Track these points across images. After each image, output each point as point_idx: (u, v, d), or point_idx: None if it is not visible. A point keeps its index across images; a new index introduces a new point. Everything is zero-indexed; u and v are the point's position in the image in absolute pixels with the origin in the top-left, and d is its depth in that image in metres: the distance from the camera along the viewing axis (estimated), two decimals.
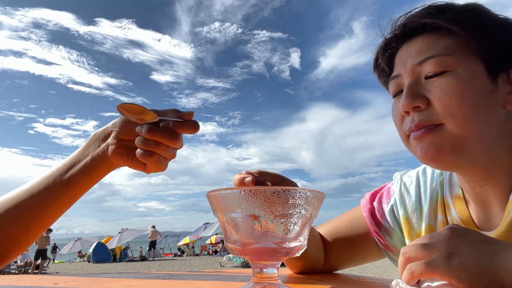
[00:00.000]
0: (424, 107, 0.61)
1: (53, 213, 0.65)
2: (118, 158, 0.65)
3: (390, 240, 0.81)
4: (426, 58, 0.61)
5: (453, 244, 0.43)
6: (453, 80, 0.59)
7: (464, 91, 0.58)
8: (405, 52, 0.66)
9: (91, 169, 0.65)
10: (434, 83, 0.60)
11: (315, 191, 0.44)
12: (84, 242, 21.64)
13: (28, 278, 0.89)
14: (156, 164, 0.62)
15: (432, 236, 0.47)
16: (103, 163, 0.66)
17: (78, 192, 0.66)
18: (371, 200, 0.87)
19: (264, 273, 0.44)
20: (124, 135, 0.65)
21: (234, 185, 0.63)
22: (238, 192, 0.41)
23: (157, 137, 0.59)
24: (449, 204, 0.73)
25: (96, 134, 0.68)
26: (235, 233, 0.44)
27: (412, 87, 0.62)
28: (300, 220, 0.43)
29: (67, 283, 0.73)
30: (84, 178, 0.65)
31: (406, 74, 0.65)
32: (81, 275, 0.94)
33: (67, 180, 0.64)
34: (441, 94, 0.59)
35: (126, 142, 0.65)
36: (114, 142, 0.65)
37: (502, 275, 0.40)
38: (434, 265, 0.42)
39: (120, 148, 0.65)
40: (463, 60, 0.60)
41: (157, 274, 0.84)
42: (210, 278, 0.73)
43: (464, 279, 0.41)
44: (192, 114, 0.60)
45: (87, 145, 0.67)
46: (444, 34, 0.62)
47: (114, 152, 0.65)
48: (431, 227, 0.74)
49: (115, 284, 0.67)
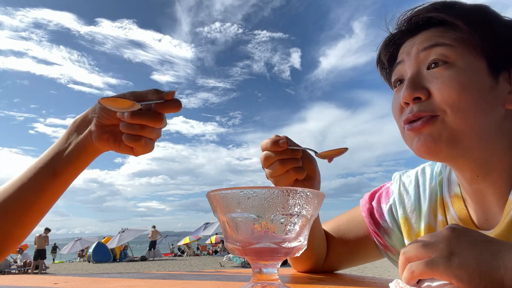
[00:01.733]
0: (425, 98, 0.61)
1: (42, 204, 0.65)
2: (103, 143, 0.65)
3: (389, 240, 0.81)
4: (432, 45, 0.62)
5: (453, 244, 0.43)
6: (454, 73, 0.59)
7: (465, 83, 0.59)
8: (410, 43, 0.66)
9: (76, 157, 0.66)
10: (435, 74, 0.61)
11: (315, 191, 0.44)
12: (84, 242, 21.64)
13: (28, 278, 0.89)
14: (144, 147, 0.63)
15: (432, 235, 0.47)
16: (88, 149, 0.66)
17: (66, 181, 0.66)
18: (370, 200, 0.87)
19: (264, 273, 0.44)
20: (106, 121, 0.65)
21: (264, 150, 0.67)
22: (238, 192, 0.41)
23: (141, 120, 0.60)
24: (447, 203, 0.73)
25: (76, 121, 0.68)
26: (235, 233, 0.44)
27: (413, 78, 0.63)
28: (300, 220, 0.43)
29: (67, 283, 0.73)
30: (70, 166, 0.65)
31: (409, 62, 0.65)
32: (81, 275, 0.94)
33: (53, 169, 0.64)
34: (441, 85, 0.59)
35: (109, 127, 0.65)
36: (96, 129, 0.65)
37: (502, 275, 0.40)
38: (434, 264, 0.42)
39: (104, 133, 0.65)
40: (466, 54, 0.60)
41: (157, 274, 0.84)
42: (210, 278, 0.73)
43: (464, 279, 0.40)
44: (173, 93, 0.60)
45: (68, 134, 0.67)
46: (449, 29, 0.62)
47: (99, 138, 0.65)
48: (431, 227, 0.74)
49: (115, 284, 0.67)
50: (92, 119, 0.66)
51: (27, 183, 0.64)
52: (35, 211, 0.65)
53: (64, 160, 0.65)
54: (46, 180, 0.64)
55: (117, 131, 0.64)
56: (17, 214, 0.63)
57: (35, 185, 0.64)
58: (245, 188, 0.41)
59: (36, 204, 0.64)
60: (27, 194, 0.64)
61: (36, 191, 0.64)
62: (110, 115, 0.64)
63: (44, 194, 0.65)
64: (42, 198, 0.65)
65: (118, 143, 0.65)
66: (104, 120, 0.65)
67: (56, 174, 0.65)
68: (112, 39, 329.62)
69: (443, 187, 0.75)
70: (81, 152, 0.66)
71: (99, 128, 0.65)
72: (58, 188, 0.66)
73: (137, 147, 0.63)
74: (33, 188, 0.64)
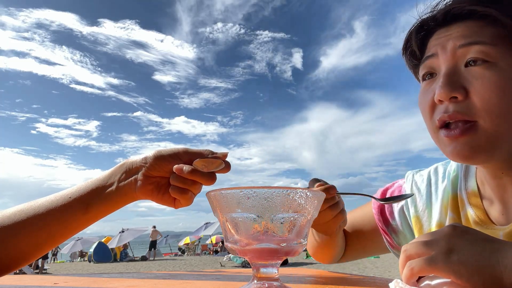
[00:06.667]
0: (462, 98, 0.57)
1: (67, 233, 0.64)
2: (146, 194, 0.64)
3: (396, 239, 0.82)
4: (471, 42, 0.58)
5: (453, 241, 0.43)
6: (495, 74, 0.56)
7: (505, 86, 0.56)
8: (445, 35, 0.62)
9: (114, 199, 0.64)
10: (475, 73, 0.57)
11: (315, 191, 0.44)
12: (84, 242, 21.66)
13: (28, 278, 0.89)
14: (188, 200, 0.63)
15: (433, 233, 0.47)
16: (128, 195, 0.65)
17: (96, 217, 0.65)
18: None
19: (264, 273, 0.44)
20: (156, 173, 0.64)
21: None
22: (238, 192, 0.41)
23: (198, 178, 0.60)
24: (463, 200, 0.72)
25: (124, 164, 0.67)
26: (235, 233, 0.43)
27: (450, 74, 0.59)
28: (300, 220, 0.43)
29: (67, 283, 0.73)
30: (105, 205, 0.64)
31: (444, 56, 0.61)
32: (81, 275, 0.94)
33: (87, 205, 0.63)
34: (481, 87, 0.56)
35: (156, 179, 0.64)
36: (143, 178, 0.64)
37: (501, 272, 0.40)
38: (433, 261, 0.42)
39: (149, 184, 0.64)
40: (508, 53, 0.57)
41: (157, 274, 0.84)
42: (210, 278, 0.73)
43: (463, 275, 0.40)
44: (227, 155, 0.62)
45: (112, 173, 0.66)
46: (489, 24, 0.58)
47: (143, 188, 0.64)
48: (442, 225, 0.74)
49: (115, 284, 0.67)
50: (140, 168, 0.64)
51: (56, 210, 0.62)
52: (56, 239, 0.64)
53: (101, 199, 0.64)
54: (77, 213, 0.63)
55: (162, 183, 0.64)
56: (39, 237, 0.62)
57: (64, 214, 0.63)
58: (245, 188, 0.41)
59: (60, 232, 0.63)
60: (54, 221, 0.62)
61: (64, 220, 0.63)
62: (162, 167, 0.63)
63: (70, 225, 0.63)
64: (68, 228, 0.64)
65: (162, 195, 0.64)
66: (154, 172, 0.63)
67: (89, 210, 0.63)
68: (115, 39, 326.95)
69: (460, 184, 0.74)
70: (121, 196, 0.64)
71: (146, 178, 0.64)
72: (86, 222, 0.65)
73: (182, 200, 0.63)
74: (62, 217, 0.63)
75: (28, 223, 0.62)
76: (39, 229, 0.62)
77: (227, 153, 0.62)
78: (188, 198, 0.63)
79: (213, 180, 0.62)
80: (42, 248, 0.64)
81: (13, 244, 0.61)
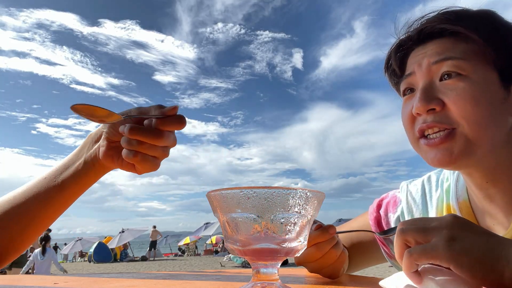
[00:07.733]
0: (439, 110, 0.61)
1: (48, 215, 0.64)
2: (108, 160, 0.63)
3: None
4: (443, 58, 0.61)
5: (455, 230, 0.42)
6: (468, 85, 0.59)
7: (478, 97, 0.59)
8: (421, 53, 0.66)
9: (83, 172, 0.64)
10: (449, 86, 0.61)
11: (315, 191, 0.44)
12: (85, 242, 21.67)
13: (28, 278, 0.89)
14: (142, 164, 0.59)
15: (433, 219, 0.45)
16: (96, 165, 0.64)
17: (72, 196, 0.65)
18: (378, 208, 0.89)
19: (264, 273, 0.44)
20: (113, 136, 0.62)
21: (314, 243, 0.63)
22: (238, 192, 0.41)
23: (139, 136, 0.56)
24: (455, 210, 0.73)
25: (90, 135, 0.66)
26: (235, 233, 0.43)
27: (426, 89, 0.62)
28: (300, 220, 0.43)
29: (67, 283, 0.73)
30: (77, 181, 0.64)
31: (420, 73, 0.64)
32: (81, 275, 0.94)
33: (61, 183, 0.63)
34: (456, 98, 0.59)
35: (117, 144, 0.63)
36: (104, 144, 0.63)
37: (504, 265, 0.39)
38: (434, 248, 0.41)
39: (110, 149, 0.63)
40: (479, 67, 0.60)
41: (157, 274, 0.84)
42: (210, 278, 0.73)
43: (464, 265, 0.40)
44: (176, 108, 0.57)
45: (81, 147, 0.66)
46: (461, 40, 0.62)
47: (105, 154, 0.63)
48: None
49: (115, 284, 0.67)
50: (102, 134, 0.63)
51: (34, 194, 0.63)
52: (39, 222, 0.64)
53: (72, 175, 0.64)
54: (52, 193, 0.63)
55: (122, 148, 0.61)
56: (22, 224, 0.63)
57: (41, 197, 0.63)
58: (245, 188, 0.41)
59: (40, 216, 0.63)
60: (33, 205, 0.63)
61: (42, 203, 0.63)
62: (118, 130, 0.60)
63: (50, 206, 0.64)
64: (48, 210, 0.64)
65: (122, 160, 0.62)
66: (113, 136, 0.62)
67: (63, 188, 0.63)
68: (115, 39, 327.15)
69: (451, 194, 0.75)
70: (88, 167, 0.64)
71: (107, 143, 0.63)
72: (64, 201, 0.65)
73: (135, 163, 0.60)
74: (39, 200, 0.63)
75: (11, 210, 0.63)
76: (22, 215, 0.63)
77: (176, 106, 0.57)
78: (139, 161, 0.58)
79: (159, 137, 0.57)
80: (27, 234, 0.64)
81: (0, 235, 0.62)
